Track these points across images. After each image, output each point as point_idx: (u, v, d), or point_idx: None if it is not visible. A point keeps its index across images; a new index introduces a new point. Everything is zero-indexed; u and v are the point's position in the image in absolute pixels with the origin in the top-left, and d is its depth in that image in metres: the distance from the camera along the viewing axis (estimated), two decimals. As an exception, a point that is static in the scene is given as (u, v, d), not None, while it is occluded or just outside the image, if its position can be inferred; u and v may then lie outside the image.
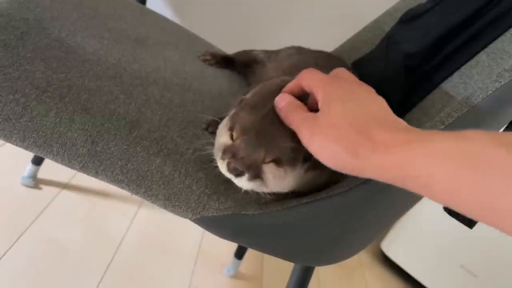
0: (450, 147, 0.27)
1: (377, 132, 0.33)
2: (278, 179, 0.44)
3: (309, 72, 0.42)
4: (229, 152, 0.43)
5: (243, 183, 0.43)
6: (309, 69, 0.42)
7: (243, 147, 0.42)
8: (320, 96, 0.38)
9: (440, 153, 0.27)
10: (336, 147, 0.34)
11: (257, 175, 0.43)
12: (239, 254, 1.15)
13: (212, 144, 0.48)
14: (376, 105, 0.37)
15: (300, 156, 0.43)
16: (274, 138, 0.42)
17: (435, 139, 0.29)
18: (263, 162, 0.43)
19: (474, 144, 0.26)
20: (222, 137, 0.45)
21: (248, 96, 0.50)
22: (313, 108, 0.40)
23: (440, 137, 0.29)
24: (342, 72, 0.43)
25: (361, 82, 0.41)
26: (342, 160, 0.34)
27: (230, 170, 0.43)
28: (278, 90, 0.46)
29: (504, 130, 0.60)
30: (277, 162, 0.43)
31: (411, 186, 0.30)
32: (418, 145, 0.29)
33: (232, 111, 0.48)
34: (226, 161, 0.43)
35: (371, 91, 0.40)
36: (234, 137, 0.44)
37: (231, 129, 0.45)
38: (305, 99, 0.43)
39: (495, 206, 0.25)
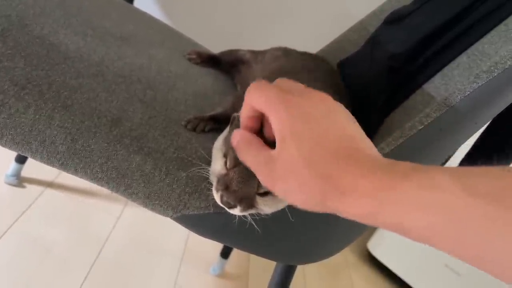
0: (421, 196, 0.26)
1: (340, 174, 0.30)
2: (272, 206, 0.44)
3: (256, 91, 0.35)
4: (223, 183, 0.42)
5: (236, 212, 0.43)
6: (255, 86, 0.36)
7: (235, 179, 0.42)
8: (274, 127, 0.34)
9: (412, 203, 0.26)
10: (302, 196, 0.32)
11: (250, 206, 0.43)
12: (225, 253, 1.15)
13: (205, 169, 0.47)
14: (336, 130, 0.33)
15: None
16: None
17: (405, 186, 0.27)
18: (257, 193, 0.42)
19: (447, 194, 0.25)
20: (217, 164, 0.45)
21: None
22: (271, 135, 0.35)
23: (410, 183, 0.27)
24: (289, 86, 0.36)
25: (315, 94, 0.35)
26: (312, 207, 0.32)
27: (223, 202, 0.43)
28: None
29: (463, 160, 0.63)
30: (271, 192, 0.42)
31: (384, 228, 0.29)
32: (388, 193, 0.28)
33: (226, 132, 0.47)
34: (219, 193, 0.43)
35: (330, 106, 0.34)
36: (228, 166, 0.43)
37: (225, 155, 0.44)
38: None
39: (476, 255, 0.25)
